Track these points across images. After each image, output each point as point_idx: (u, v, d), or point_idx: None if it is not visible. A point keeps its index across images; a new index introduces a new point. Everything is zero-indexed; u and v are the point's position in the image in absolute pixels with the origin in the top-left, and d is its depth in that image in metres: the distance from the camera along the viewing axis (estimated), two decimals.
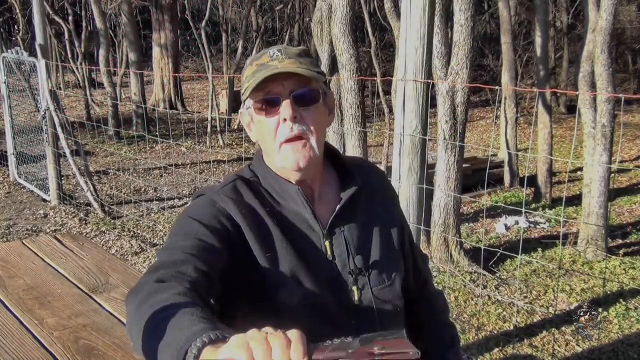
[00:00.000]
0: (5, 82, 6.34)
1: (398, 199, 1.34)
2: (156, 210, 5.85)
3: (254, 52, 12.90)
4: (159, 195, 6.52)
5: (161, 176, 7.53)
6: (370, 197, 1.21)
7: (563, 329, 3.68)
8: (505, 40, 7.92)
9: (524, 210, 3.36)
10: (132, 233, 5.11)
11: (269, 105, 1.07)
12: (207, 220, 1.06)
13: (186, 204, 6.17)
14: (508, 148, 7.95)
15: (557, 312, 3.82)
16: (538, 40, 7.39)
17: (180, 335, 0.75)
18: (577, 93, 4.61)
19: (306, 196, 1.12)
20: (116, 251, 4.67)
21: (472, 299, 4.08)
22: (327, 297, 1.09)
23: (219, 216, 1.07)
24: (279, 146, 1.08)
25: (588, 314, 3.84)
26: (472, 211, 6.44)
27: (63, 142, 5.45)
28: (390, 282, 1.18)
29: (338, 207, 1.14)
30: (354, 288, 1.12)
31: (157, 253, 1.08)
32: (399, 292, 1.19)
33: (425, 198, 2.66)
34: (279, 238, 1.08)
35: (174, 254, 0.99)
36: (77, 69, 12.49)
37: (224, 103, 12.14)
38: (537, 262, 4.80)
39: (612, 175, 6.48)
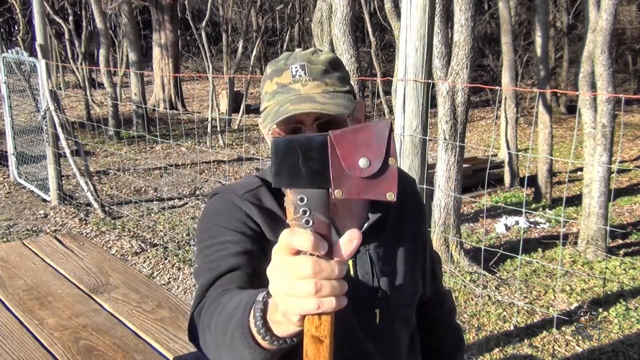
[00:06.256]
0: (5, 82, 6.34)
1: (425, 210, 1.27)
2: (156, 210, 5.85)
3: (254, 52, 12.90)
4: (159, 195, 6.52)
5: (161, 176, 7.53)
6: (400, 212, 1.13)
7: (563, 329, 3.68)
8: (505, 40, 7.92)
9: (524, 210, 3.36)
10: (132, 233, 5.11)
11: (290, 134, 0.97)
12: (235, 225, 1.02)
13: (186, 204, 6.18)
14: (508, 148, 7.95)
15: (557, 312, 3.82)
16: (538, 40, 7.39)
17: (236, 311, 0.77)
18: (577, 93, 4.61)
19: (330, 210, 1.06)
20: (116, 251, 4.67)
21: (472, 299, 4.08)
22: (347, 318, 1.04)
23: (246, 220, 1.03)
24: None
25: (588, 314, 3.83)
26: (472, 211, 6.44)
27: (63, 142, 5.45)
28: (411, 303, 1.15)
29: (365, 225, 1.06)
30: (377, 311, 1.07)
31: (195, 275, 1.03)
32: (414, 309, 1.18)
33: (425, 198, 2.66)
34: None
35: (212, 269, 0.97)
36: (77, 69, 12.50)
37: (224, 103, 12.14)
38: (537, 262, 4.80)
39: (612, 175, 6.48)
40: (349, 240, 0.65)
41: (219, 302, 0.86)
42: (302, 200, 0.66)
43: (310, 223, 0.65)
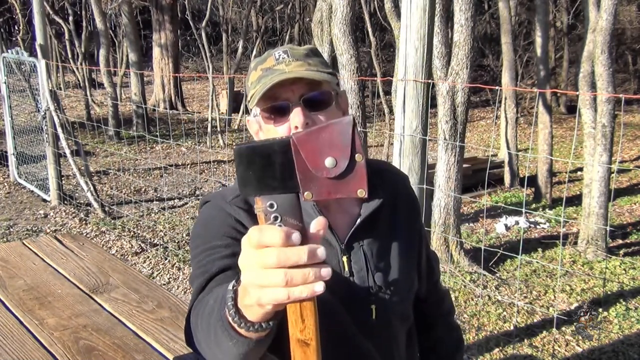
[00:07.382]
0: (5, 82, 6.34)
1: (419, 206, 1.27)
2: (156, 210, 5.85)
3: (254, 52, 12.90)
4: (159, 195, 6.52)
5: (161, 176, 7.53)
6: (393, 207, 1.13)
7: (563, 329, 3.68)
8: (505, 40, 7.93)
9: (524, 210, 3.36)
10: (132, 233, 5.11)
11: (278, 112, 1.00)
12: (225, 230, 1.03)
13: (186, 204, 6.18)
14: (508, 148, 7.95)
15: (557, 312, 3.82)
16: (538, 40, 7.39)
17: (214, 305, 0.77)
18: (577, 93, 4.61)
19: (322, 207, 1.05)
20: (116, 251, 4.67)
21: (472, 299, 4.08)
22: (343, 316, 1.04)
23: (236, 225, 1.03)
24: None
25: (588, 314, 3.83)
26: (472, 211, 6.44)
27: (63, 142, 5.45)
28: (407, 297, 1.14)
29: (358, 221, 1.06)
30: (373, 307, 1.06)
31: (190, 281, 1.05)
32: (411, 305, 1.17)
33: (425, 198, 2.66)
34: None
35: (204, 272, 0.98)
36: (77, 69, 12.50)
37: (224, 103, 12.14)
38: (537, 262, 4.80)
39: (612, 175, 6.48)
40: (316, 230, 0.66)
41: (203, 302, 0.87)
42: (272, 206, 0.66)
43: None
